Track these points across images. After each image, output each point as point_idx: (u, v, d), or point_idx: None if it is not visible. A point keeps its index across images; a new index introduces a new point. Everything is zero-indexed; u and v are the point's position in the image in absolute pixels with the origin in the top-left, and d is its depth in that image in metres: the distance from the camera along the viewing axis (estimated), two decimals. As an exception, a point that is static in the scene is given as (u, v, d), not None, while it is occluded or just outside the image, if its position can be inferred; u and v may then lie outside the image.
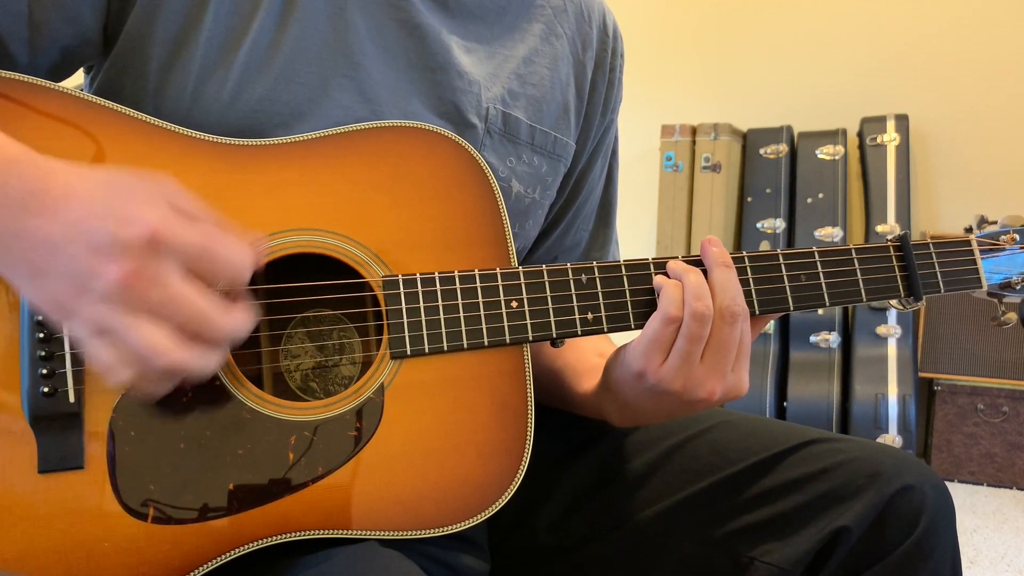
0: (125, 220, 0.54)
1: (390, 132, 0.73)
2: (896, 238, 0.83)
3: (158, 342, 0.54)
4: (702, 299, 0.72)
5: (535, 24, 0.89)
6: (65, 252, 0.54)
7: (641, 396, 0.76)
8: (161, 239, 0.54)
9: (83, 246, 0.54)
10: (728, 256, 0.75)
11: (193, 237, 0.56)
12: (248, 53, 0.73)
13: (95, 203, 0.55)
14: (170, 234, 0.54)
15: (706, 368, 0.73)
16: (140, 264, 0.53)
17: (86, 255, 0.53)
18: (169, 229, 0.54)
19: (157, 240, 0.54)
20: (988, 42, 2.94)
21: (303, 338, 0.76)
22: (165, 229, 0.54)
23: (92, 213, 0.54)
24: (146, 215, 0.54)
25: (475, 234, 0.74)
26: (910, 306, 0.83)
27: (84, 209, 0.54)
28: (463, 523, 0.69)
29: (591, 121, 0.95)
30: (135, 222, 0.54)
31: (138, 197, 0.56)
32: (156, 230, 0.54)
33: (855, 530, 0.75)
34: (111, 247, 0.53)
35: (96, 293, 0.54)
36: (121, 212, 0.54)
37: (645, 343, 0.73)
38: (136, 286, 0.53)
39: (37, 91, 0.65)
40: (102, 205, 0.55)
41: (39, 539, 0.61)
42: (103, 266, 0.53)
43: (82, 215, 0.54)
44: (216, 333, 0.56)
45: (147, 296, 0.54)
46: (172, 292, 0.54)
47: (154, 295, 0.54)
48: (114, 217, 0.54)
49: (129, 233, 0.53)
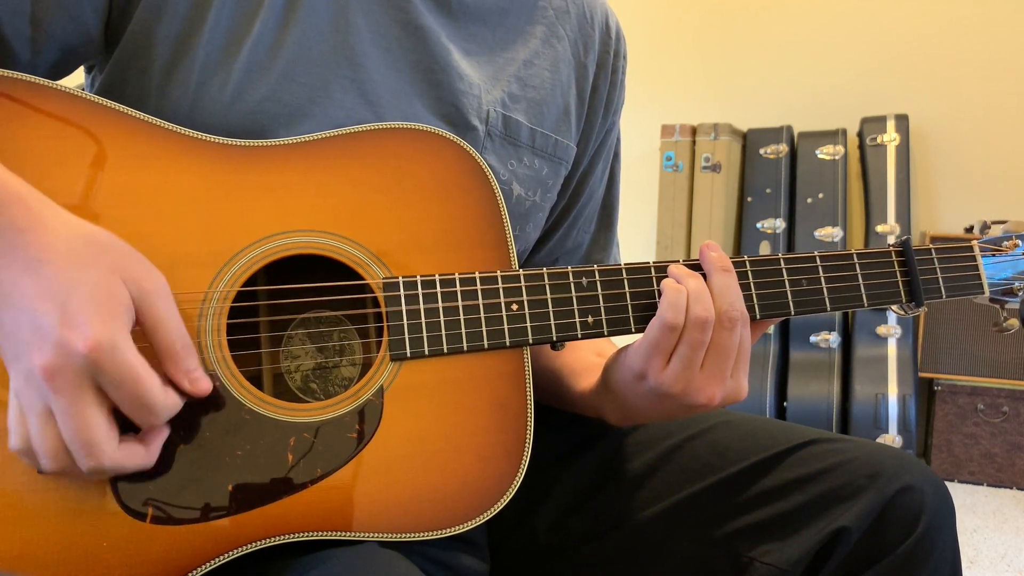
0: (72, 321, 0.55)
1: (391, 133, 0.73)
2: (898, 243, 0.83)
3: (43, 437, 0.56)
4: (703, 305, 0.72)
5: (537, 26, 0.89)
6: (15, 314, 0.55)
7: (641, 398, 0.76)
8: (94, 358, 0.55)
9: (28, 321, 0.55)
10: (728, 261, 0.75)
11: (124, 372, 0.56)
12: (250, 53, 0.73)
13: (61, 282, 0.55)
14: (104, 359, 0.55)
15: (706, 374, 0.73)
16: (63, 369, 0.54)
17: (27, 330, 0.55)
18: (107, 354, 0.55)
19: (90, 357, 0.54)
20: (988, 42, 2.94)
21: (303, 339, 0.76)
22: (103, 350, 0.55)
23: (52, 294, 0.55)
24: (95, 326, 0.55)
25: (476, 236, 0.74)
26: (911, 311, 0.83)
27: (48, 285, 0.55)
28: (463, 525, 0.69)
29: (592, 123, 0.95)
30: (79, 329, 0.54)
31: (102, 301, 0.56)
32: (94, 347, 0.54)
33: (855, 530, 0.75)
34: (46, 337, 0.54)
35: (21, 364, 0.55)
36: (75, 310, 0.55)
37: (646, 347, 0.73)
38: (50, 383, 0.54)
39: (39, 90, 0.65)
40: (64, 290, 0.55)
41: (38, 539, 0.61)
42: (33, 350, 0.55)
43: (42, 291, 0.55)
44: (91, 464, 0.57)
45: (55, 396, 0.55)
46: (74, 409, 0.55)
47: (60, 401, 0.55)
48: (66, 311, 0.55)
49: (68, 335, 0.54)
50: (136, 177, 0.66)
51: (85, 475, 0.58)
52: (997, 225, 0.89)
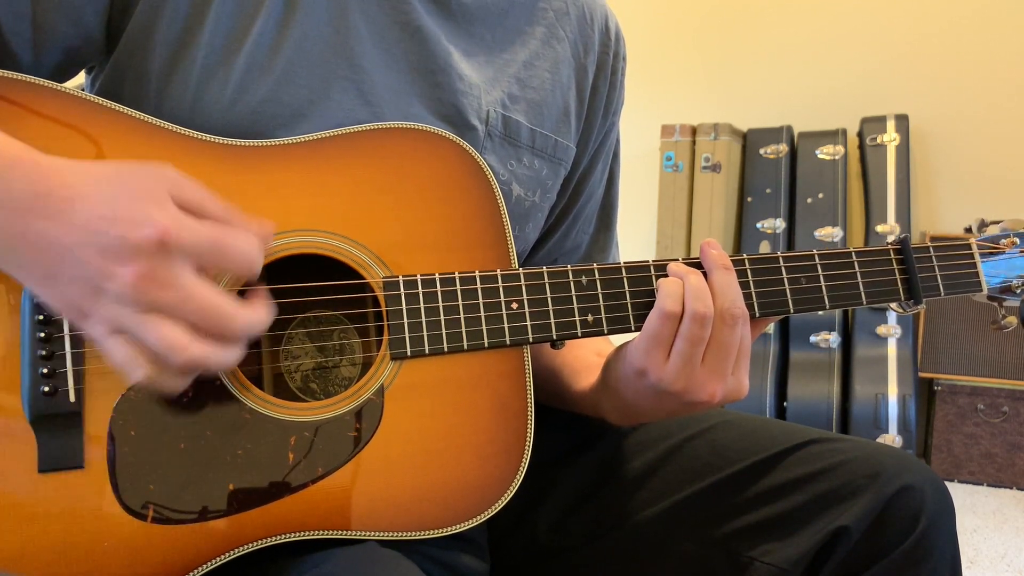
0: (133, 222, 0.54)
1: (392, 133, 0.73)
2: (896, 241, 0.83)
3: (175, 339, 0.55)
4: (702, 301, 0.72)
5: (537, 27, 0.89)
6: (75, 256, 0.54)
7: (641, 395, 0.76)
8: (170, 240, 0.54)
9: (93, 249, 0.54)
10: (728, 259, 0.75)
11: (201, 234, 0.56)
12: (250, 54, 0.73)
13: (101, 204, 0.55)
14: (179, 234, 0.55)
15: (707, 371, 0.73)
16: (152, 265, 0.54)
17: (97, 258, 0.54)
18: (178, 229, 0.55)
19: (166, 241, 0.54)
20: (988, 42, 2.94)
21: (303, 339, 0.76)
22: (174, 229, 0.55)
23: (99, 215, 0.55)
24: (154, 216, 0.55)
25: (476, 236, 0.74)
26: (910, 309, 0.83)
27: (91, 211, 0.55)
28: (463, 524, 0.69)
29: (592, 124, 0.95)
30: (143, 224, 0.54)
31: (144, 196, 0.56)
32: (165, 231, 0.54)
33: (855, 530, 0.75)
34: (121, 250, 0.54)
35: (110, 295, 0.54)
36: (128, 214, 0.55)
37: (645, 340, 0.73)
38: (149, 287, 0.54)
39: (38, 91, 0.65)
40: (108, 206, 0.55)
41: (39, 538, 0.61)
42: (115, 268, 0.54)
43: (89, 217, 0.55)
44: (232, 328, 0.57)
45: (161, 296, 0.54)
46: (185, 291, 0.55)
47: (168, 295, 0.54)
48: (122, 219, 0.54)
49: (138, 235, 0.54)
50: (137, 177, 0.66)
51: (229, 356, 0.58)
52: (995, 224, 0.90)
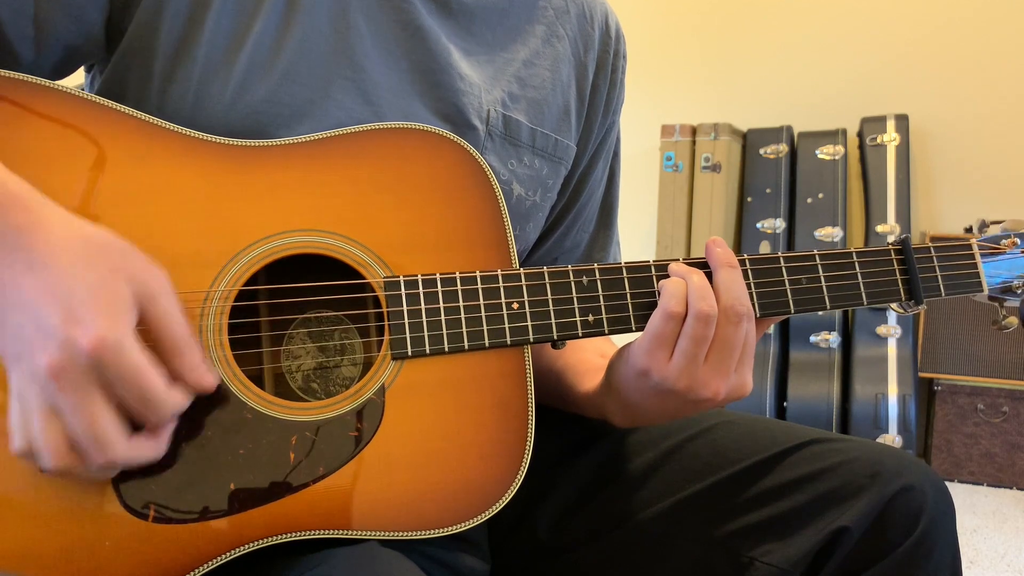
0: (76, 319, 0.54)
1: (392, 133, 0.73)
2: (897, 241, 0.83)
3: (47, 437, 0.56)
4: (706, 299, 0.72)
5: (537, 26, 0.89)
6: (17, 315, 0.55)
7: (645, 395, 0.76)
8: (100, 357, 0.54)
9: (32, 320, 0.55)
10: (733, 257, 0.75)
11: (132, 369, 0.56)
12: (251, 54, 0.73)
13: (64, 283, 0.55)
14: (110, 357, 0.55)
15: (710, 369, 0.72)
16: (69, 367, 0.54)
17: (31, 329, 0.55)
18: (114, 352, 0.55)
19: (95, 356, 0.54)
20: (988, 42, 2.94)
21: (304, 339, 0.76)
22: (109, 351, 0.55)
23: (54, 293, 0.55)
24: (100, 326, 0.55)
25: (476, 236, 0.74)
26: (911, 310, 0.83)
27: (51, 284, 0.55)
28: (464, 524, 0.69)
29: (592, 123, 0.95)
30: (85, 326, 0.54)
31: (107, 298, 0.56)
32: (99, 346, 0.54)
33: (855, 530, 0.75)
34: (52, 336, 0.54)
35: (25, 367, 0.55)
36: (80, 306, 0.55)
37: (648, 340, 0.73)
38: (56, 382, 0.54)
39: (39, 91, 0.65)
40: (66, 289, 0.55)
41: (40, 538, 0.61)
42: (37, 349, 0.54)
43: (45, 290, 0.55)
44: (100, 460, 0.57)
45: (61, 395, 0.55)
46: (82, 405, 0.55)
47: (67, 399, 0.55)
48: (69, 309, 0.55)
49: (73, 333, 0.54)
50: (137, 177, 0.67)
51: (91, 473, 0.58)
52: (996, 224, 0.90)
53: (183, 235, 0.67)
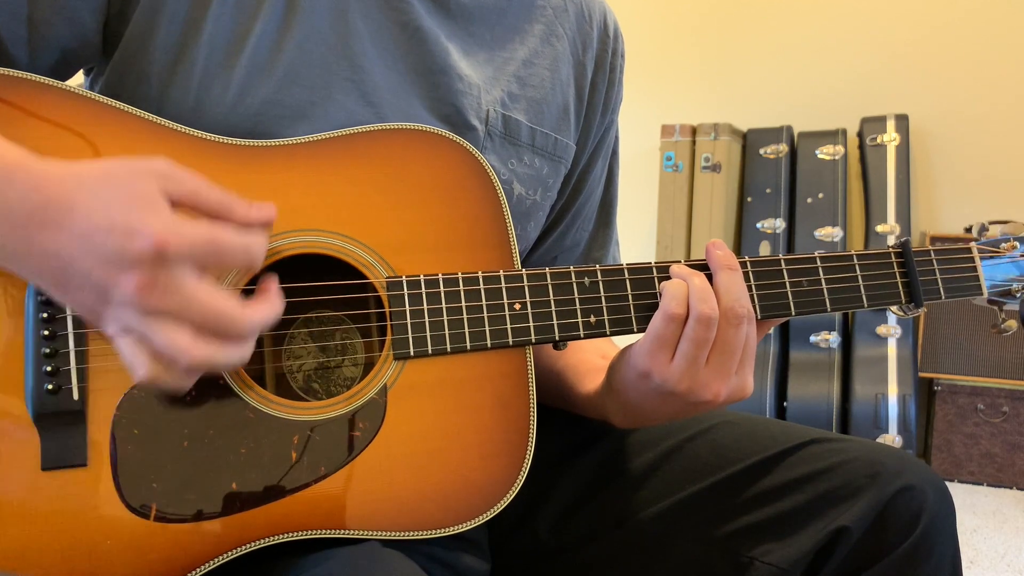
0: (129, 232, 0.55)
1: (394, 134, 0.73)
2: (897, 244, 0.84)
3: (179, 342, 0.55)
4: (707, 302, 0.72)
5: (536, 25, 0.89)
6: (78, 265, 0.55)
7: (646, 396, 0.76)
8: (167, 247, 0.55)
9: (94, 259, 0.55)
10: (734, 259, 0.75)
11: (198, 237, 0.56)
12: (251, 56, 0.73)
13: (97, 213, 0.56)
14: (175, 240, 0.55)
15: (711, 371, 0.73)
16: (152, 273, 0.54)
17: (99, 267, 0.55)
18: (174, 235, 0.55)
19: (163, 250, 0.55)
20: (988, 42, 2.94)
21: (306, 339, 0.76)
22: (170, 236, 0.55)
23: (97, 226, 0.55)
24: (149, 224, 0.55)
25: (478, 236, 0.74)
26: (911, 312, 0.84)
27: (88, 221, 0.55)
28: (465, 524, 0.69)
29: (591, 122, 0.95)
30: (140, 233, 0.54)
31: (137, 201, 0.56)
32: (161, 240, 0.55)
33: (855, 530, 0.75)
34: (121, 260, 0.54)
35: (116, 300, 0.55)
36: (124, 222, 0.55)
37: (649, 341, 0.73)
38: (151, 294, 0.54)
39: (41, 89, 0.66)
40: (104, 215, 0.55)
41: (41, 537, 0.61)
42: (117, 277, 0.54)
43: (87, 228, 0.55)
44: (235, 329, 0.57)
45: (163, 302, 0.55)
46: (186, 296, 0.55)
47: (170, 301, 0.55)
48: (119, 229, 0.55)
49: (135, 246, 0.54)
50: (139, 177, 0.66)
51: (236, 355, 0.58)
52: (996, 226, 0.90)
53: (185, 235, 0.66)
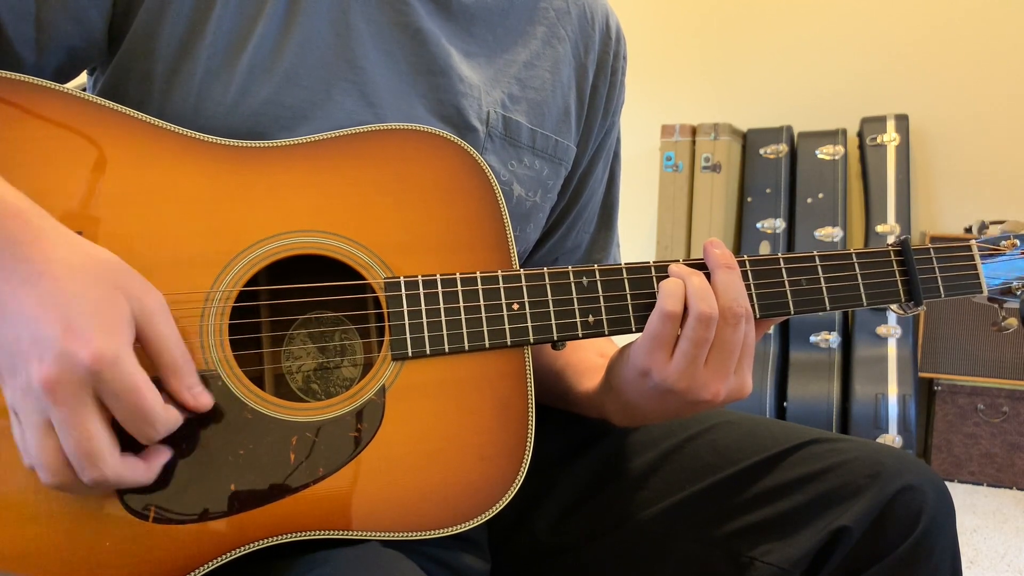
0: (76, 333, 0.54)
1: (393, 135, 0.73)
2: (897, 243, 0.83)
3: (42, 450, 0.56)
4: (706, 300, 0.72)
5: (538, 27, 0.89)
6: (12, 326, 0.55)
7: (645, 395, 0.76)
8: (97, 370, 0.54)
9: (28, 333, 0.55)
10: (731, 258, 0.75)
11: (127, 386, 0.56)
12: (252, 56, 0.73)
13: (63, 296, 0.55)
14: (109, 373, 0.55)
15: (710, 370, 0.73)
16: (65, 380, 0.54)
17: (27, 342, 0.55)
18: (110, 367, 0.55)
19: (93, 368, 0.54)
20: (988, 42, 2.95)
21: (305, 339, 0.76)
22: (107, 367, 0.55)
23: (52, 306, 0.55)
24: (98, 339, 0.55)
25: (477, 237, 0.74)
26: (910, 311, 0.84)
27: (47, 298, 0.55)
28: (464, 524, 0.69)
29: (592, 123, 0.95)
30: (84, 342, 0.54)
31: (105, 314, 0.56)
32: (97, 361, 0.54)
33: (855, 530, 0.75)
34: (49, 349, 0.54)
35: (21, 379, 0.55)
36: (78, 321, 0.55)
37: (647, 340, 0.73)
38: (51, 395, 0.54)
39: (41, 92, 0.66)
40: (66, 302, 0.55)
41: (40, 538, 0.61)
42: (33, 361, 0.54)
43: (43, 304, 0.55)
44: (94, 475, 0.56)
45: (55, 408, 0.54)
46: (76, 420, 0.55)
47: (61, 413, 0.54)
48: (68, 323, 0.54)
49: (71, 347, 0.54)
50: (139, 178, 0.67)
51: (87, 488, 0.58)
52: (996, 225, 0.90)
53: (184, 235, 0.67)
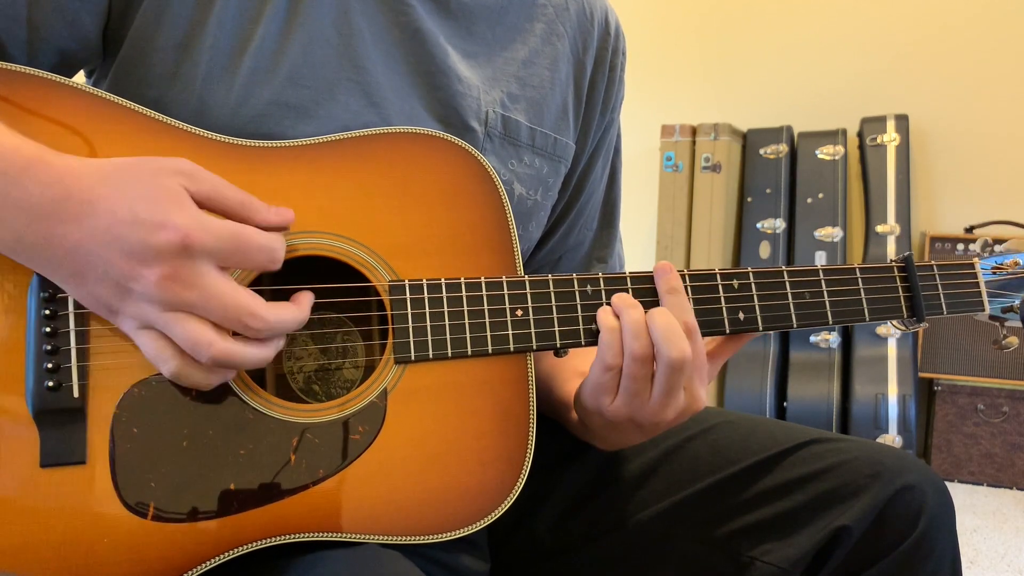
0: (154, 226, 0.55)
1: (399, 138, 0.73)
2: (900, 259, 0.84)
3: (199, 336, 0.57)
4: (639, 339, 0.71)
5: (537, 24, 0.89)
6: (100, 257, 0.56)
7: (602, 428, 0.77)
8: (191, 242, 0.56)
9: (117, 252, 0.56)
10: (675, 280, 0.75)
11: (222, 233, 0.57)
12: (254, 58, 0.73)
13: (121, 206, 0.56)
14: (199, 235, 0.56)
15: (656, 400, 0.73)
16: (175, 267, 0.55)
17: (122, 260, 0.56)
18: (198, 230, 0.56)
19: (187, 244, 0.56)
20: (988, 42, 2.95)
21: (307, 340, 0.76)
22: (194, 231, 0.56)
23: (120, 219, 0.56)
24: (174, 219, 0.56)
25: (481, 241, 0.74)
26: (912, 327, 0.84)
27: (111, 215, 0.56)
28: (464, 529, 0.69)
29: (590, 120, 0.95)
30: (165, 228, 0.55)
31: (162, 197, 0.57)
32: (185, 234, 0.56)
33: (855, 529, 0.76)
34: (144, 253, 0.55)
35: (137, 294, 0.56)
36: (148, 216, 0.56)
37: (591, 386, 0.74)
38: (173, 287, 0.55)
39: (47, 85, 0.65)
40: (128, 208, 0.56)
41: (38, 534, 0.61)
42: (140, 270, 0.55)
43: (110, 222, 0.56)
44: (256, 326, 0.58)
45: (185, 296, 0.56)
46: (208, 291, 0.56)
47: (191, 295, 0.56)
48: (142, 222, 0.56)
49: (160, 239, 0.55)
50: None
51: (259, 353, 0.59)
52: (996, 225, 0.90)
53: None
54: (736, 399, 2.86)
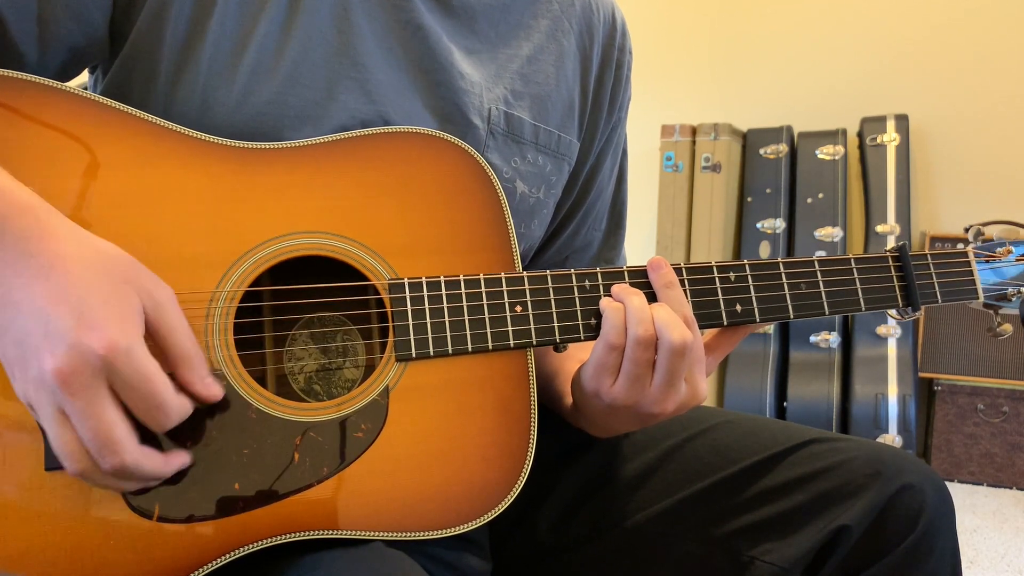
0: (88, 324, 0.54)
1: (398, 138, 0.73)
2: (895, 248, 0.84)
3: (62, 440, 0.56)
4: (643, 324, 0.72)
5: (541, 20, 0.89)
6: (24, 323, 0.55)
7: (600, 412, 0.77)
8: (111, 360, 0.55)
9: (40, 326, 0.55)
10: (670, 275, 0.76)
11: (141, 371, 0.56)
12: (255, 56, 0.73)
13: (74, 289, 0.55)
14: (122, 360, 0.55)
15: (657, 385, 0.73)
16: (78, 371, 0.54)
17: (39, 336, 0.55)
18: (123, 354, 0.55)
19: (107, 359, 0.54)
20: (988, 42, 2.95)
21: (307, 340, 0.76)
22: (120, 353, 0.55)
23: (64, 298, 0.55)
24: (111, 329, 0.55)
25: (480, 239, 0.74)
26: (908, 316, 0.85)
27: (59, 291, 0.55)
28: (466, 525, 0.69)
29: (597, 119, 0.95)
30: (96, 331, 0.54)
31: (116, 304, 0.56)
32: (111, 349, 0.54)
33: (855, 529, 0.76)
34: (61, 341, 0.54)
35: (32, 372, 0.55)
36: (90, 313, 0.55)
37: (592, 366, 0.74)
38: (65, 387, 0.54)
39: (47, 92, 0.66)
40: (77, 295, 0.55)
41: (43, 536, 0.61)
42: (46, 354, 0.54)
43: (54, 297, 0.55)
44: (114, 462, 0.57)
45: (70, 399, 0.55)
46: (89, 410, 0.55)
47: (72, 404, 0.55)
48: (80, 315, 0.55)
49: (85, 338, 0.54)
50: (143, 178, 0.67)
51: (106, 477, 0.58)
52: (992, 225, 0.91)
53: (189, 236, 0.67)
54: (736, 399, 2.86)
